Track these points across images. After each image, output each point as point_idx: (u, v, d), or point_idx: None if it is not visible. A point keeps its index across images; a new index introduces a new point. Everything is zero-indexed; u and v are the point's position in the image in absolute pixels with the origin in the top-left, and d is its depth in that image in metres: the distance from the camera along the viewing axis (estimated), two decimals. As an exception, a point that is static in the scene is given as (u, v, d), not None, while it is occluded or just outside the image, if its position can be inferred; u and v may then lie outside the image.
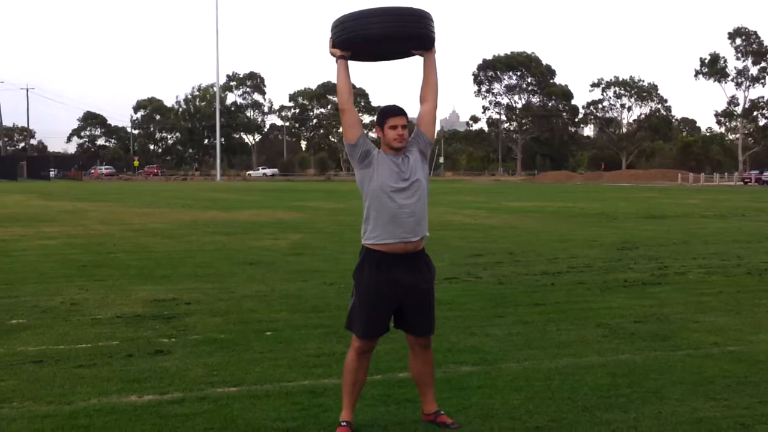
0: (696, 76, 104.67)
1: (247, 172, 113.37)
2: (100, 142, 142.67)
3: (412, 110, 5.03)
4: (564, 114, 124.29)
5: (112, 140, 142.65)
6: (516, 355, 6.68)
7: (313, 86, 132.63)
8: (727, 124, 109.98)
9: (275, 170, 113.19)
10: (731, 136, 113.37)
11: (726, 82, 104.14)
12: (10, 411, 5.17)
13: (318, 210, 28.90)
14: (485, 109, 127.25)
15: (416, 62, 5.07)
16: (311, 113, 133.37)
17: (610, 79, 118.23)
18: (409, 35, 4.82)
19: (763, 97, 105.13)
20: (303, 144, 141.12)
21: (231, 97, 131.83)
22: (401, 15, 4.75)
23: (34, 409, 5.21)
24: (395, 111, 4.80)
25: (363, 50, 4.96)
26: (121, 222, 22.31)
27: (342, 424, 4.75)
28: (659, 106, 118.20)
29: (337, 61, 4.86)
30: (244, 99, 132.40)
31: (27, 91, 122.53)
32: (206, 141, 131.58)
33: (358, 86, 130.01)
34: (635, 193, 50.07)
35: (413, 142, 4.85)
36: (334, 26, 4.87)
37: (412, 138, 4.86)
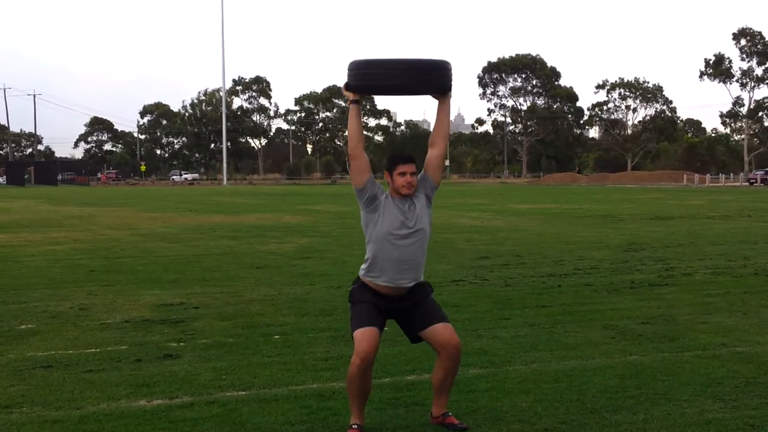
0: (701, 77, 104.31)
1: (171, 177, 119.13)
2: (107, 147, 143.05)
3: (415, 111, 5.05)
4: (569, 116, 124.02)
5: (119, 145, 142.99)
6: (523, 357, 6.68)
7: (319, 90, 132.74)
8: (732, 124, 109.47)
9: (195, 174, 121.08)
10: (736, 137, 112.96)
11: (731, 83, 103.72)
12: (20, 416, 5.19)
13: (324, 213, 28.93)
14: (490, 111, 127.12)
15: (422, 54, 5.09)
16: (317, 117, 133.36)
17: (615, 81, 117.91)
18: (427, 86, 4.89)
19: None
20: (309, 148, 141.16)
21: (237, 102, 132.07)
22: (420, 68, 4.80)
23: (43, 414, 5.23)
24: (405, 159, 4.85)
25: (378, 94, 5.01)
26: (128, 227, 22.36)
27: (353, 426, 4.76)
28: (664, 107, 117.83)
29: (349, 105, 4.91)
30: (250, 103, 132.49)
31: (34, 96, 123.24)
32: (213, 145, 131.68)
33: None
34: (641, 194, 49.99)
35: (420, 187, 4.91)
36: (351, 68, 4.88)
37: (419, 182, 4.91)
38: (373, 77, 4.80)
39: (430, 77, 4.83)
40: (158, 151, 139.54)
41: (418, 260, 4.85)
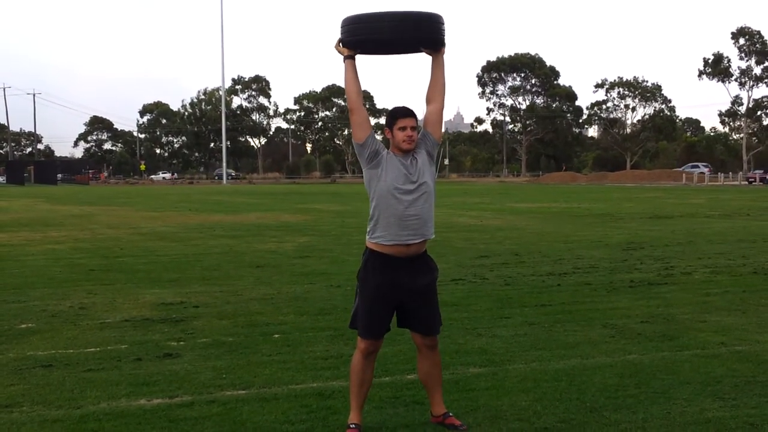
0: (700, 76, 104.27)
1: (150, 176, 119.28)
2: (107, 146, 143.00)
3: (416, 110, 5.04)
4: (568, 115, 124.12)
5: (119, 144, 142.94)
6: (523, 356, 6.69)
7: (318, 89, 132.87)
8: (731, 123, 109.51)
9: (175, 174, 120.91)
10: (735, 136, 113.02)
11: (730, 82, 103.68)
12: (20, 415, 5.19)
13: (323, 212, 28.93)
14: (489, 110, 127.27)
15: (423, 62, 5.10)
16: (316, 116, 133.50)
17: (614, 80, 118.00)
18: (419, 39, 4.86)
19: (767, 97, 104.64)
20: (308, 147, 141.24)
21: (236, 101, 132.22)
22: (412, 20, 4.77)
23: (43, 413, 5.23)
24: (404, 112, 4.80)
25: (371, 50, 4.99)
26: (128, 226, 22.36)
27: (351, 426, 4.76)
28: (663, 106, 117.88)
29: (344, 61, 4.88)
30: (249, 102, 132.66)
31: (34, 96, 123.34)
32: (212, 144, 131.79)
33: (362, 88, 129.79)
34: (640, 193, 50.00)
35: (420, 144, 4.86)
36: (343, 25, 4.87)
37: (419, 139, 4.86)
38: (366, 30, 4.78)
39: (422, 29, 4.80)
40: (158, 151, 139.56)
41: (424, 215, 4.75)
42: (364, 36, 4.80)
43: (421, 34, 4.83)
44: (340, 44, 4.89)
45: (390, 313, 4.81)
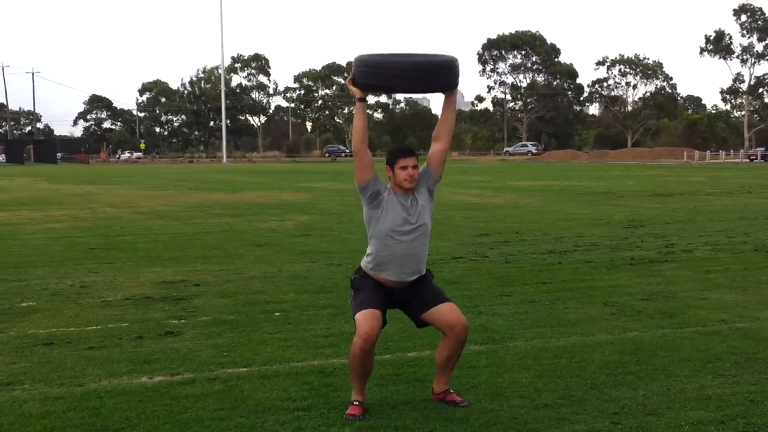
0: (701, 53, 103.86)
1: (117, 155, 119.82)
2: (106, 125, 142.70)
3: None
4: (569, 93, 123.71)
5: (118, 123, 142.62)
6: (524, 333, 6.70)
7: (318, 67, 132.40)
8: (732, 101, 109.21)
9: (139, 153, 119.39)
10: (737, 114, 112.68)
11: (731, 59, 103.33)
12: (21, 393, 5.20)
13: (324, 191, 28.91)
14: (490, 88, 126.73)
15: (424, 39, 5.06)
16: (316, 94, 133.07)
17: (615, 57, 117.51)
18: (433, 86, 4.87)
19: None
20: (308, 125, 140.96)
21: (236, 79, 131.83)
22: (427, 67, 4.76)
23: (45, 391, 5.24)
24: (406, 152, 4.86)
25: (385, 93, 5.00)
26: (128, 205, 22.36)
27: (354, 403, 4.77)
28: (664, 83, 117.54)
29: (355, 102, 4.88)
30: (249, 81, 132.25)
31: (33, 74, 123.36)
32: (212, 123, 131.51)
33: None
34: (641, 171, 49.90)
35: (422, 181, 4.91)
36: (358, 64, 4.84)
37: (421, 176, 4.90)
38: (380, 77, 4.78)
39: (437, 77, 4.81)
40: (157, 129, 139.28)
41: (421, 254, 4.87)
42: (376, 82, 4.81)
43: (435, 81, 4.83)
44: (353, 83, 4.87)
45: (384, 304, 4.85)
